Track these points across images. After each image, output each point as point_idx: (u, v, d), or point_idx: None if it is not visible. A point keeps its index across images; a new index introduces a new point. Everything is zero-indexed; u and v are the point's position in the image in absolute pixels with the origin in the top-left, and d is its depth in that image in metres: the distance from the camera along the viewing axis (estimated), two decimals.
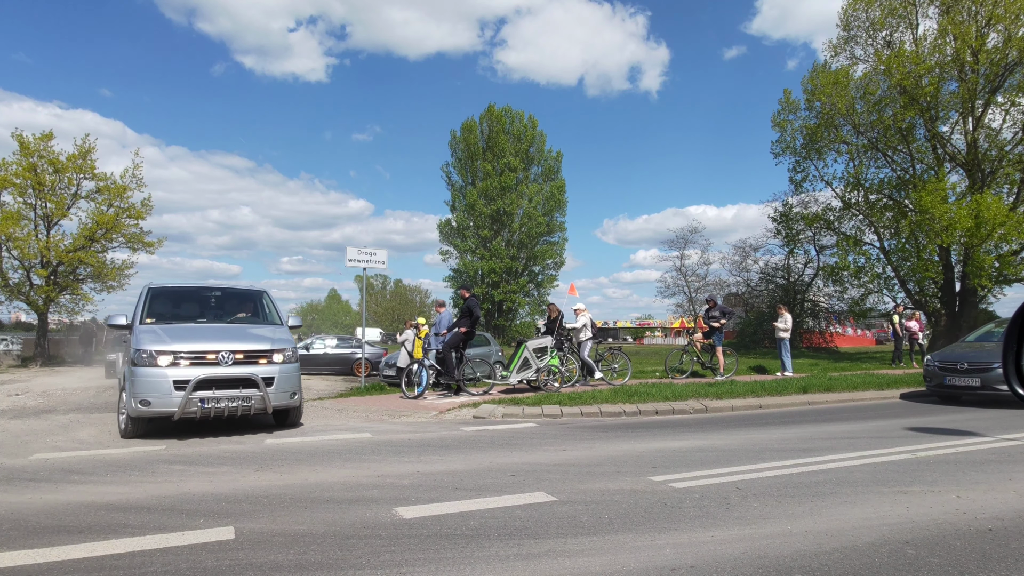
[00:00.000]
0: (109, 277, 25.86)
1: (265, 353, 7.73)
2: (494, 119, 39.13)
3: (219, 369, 7.35)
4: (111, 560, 3.31)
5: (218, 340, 7.65)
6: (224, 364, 7.38)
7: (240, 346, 7.63)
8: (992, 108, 20.74)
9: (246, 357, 7.56)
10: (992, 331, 12.13)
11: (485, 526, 3.87)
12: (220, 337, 7.83)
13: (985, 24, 19.62)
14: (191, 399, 7.14)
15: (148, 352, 7.22)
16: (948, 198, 19.87)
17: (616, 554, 3.35)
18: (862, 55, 23.03)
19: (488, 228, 38.76)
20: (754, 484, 4.90)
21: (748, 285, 31.90)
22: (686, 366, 14.66)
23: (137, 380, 7.12)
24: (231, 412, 7.32)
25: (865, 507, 4.18)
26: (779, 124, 25.04)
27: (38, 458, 6.33)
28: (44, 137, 24.28)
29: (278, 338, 8.14)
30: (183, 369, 7.22)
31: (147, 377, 7.12)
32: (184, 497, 4.66)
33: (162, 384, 7.12)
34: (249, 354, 7.62)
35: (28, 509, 4.37)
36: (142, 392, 7.10)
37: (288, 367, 7.88)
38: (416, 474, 5.41)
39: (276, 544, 3.55)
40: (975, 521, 3.83)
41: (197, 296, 9.34)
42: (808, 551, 3.34)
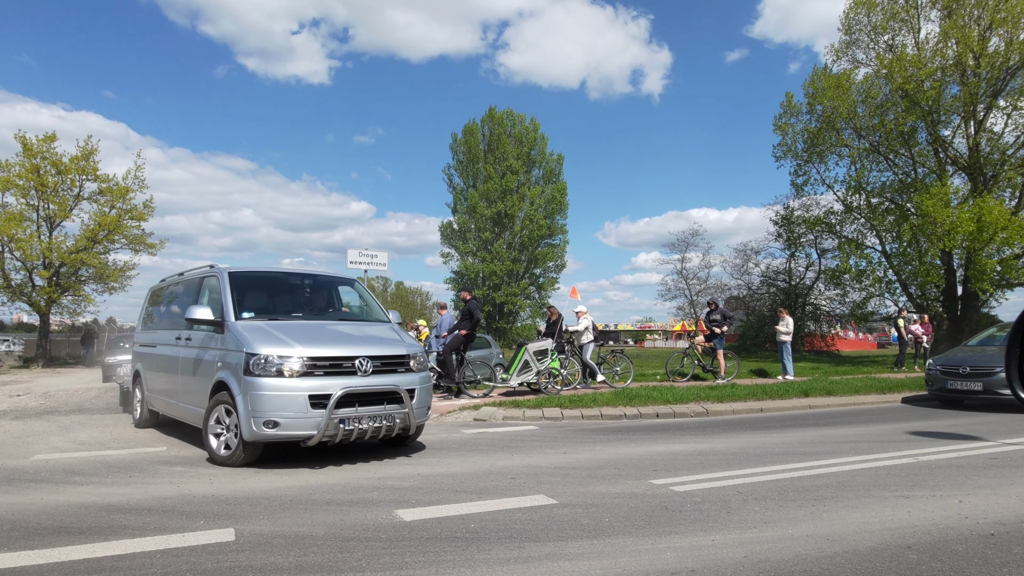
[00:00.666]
0: (111, 278, 25.93)
1: (403, 359, 6.38)
2: (495, 122, 39.19)
3: (360, 380, 5.89)
4: (111, 561, 3.31)
5: (350, 343, 6.28)
6: (362, 373, 5.93)
7: (377, 350, 6.21)
8: (994, 112, 20.74)
9: (384, 364, 6.18)
10: (994, 335, 12.11)
11: (485, 529, 3.86)
12: (350, 339, 6.48)
13: (987, 28, 19.63)
14: (332, 419, 5.63)
15: (269, 357, 5.64)
16: (950, 202, 19.86)
17: (617, 557, 3.34)
18: (864, 59, 23.06)
19: (489, 230, 38.79)
20: (755, 488, 4.89)
21: (749, 288, 31.90)
22: (687, 369, 14.65)
23: (259, 395, 5.54)
24: (373, 434, 5.90)
25: (866, 511, 4.17)
26: (780, 127, 25.06)
27: (39, 459, 6.33)
28: (47, 139, 24.38)
29: (408, 341, 6.85)
30: (319, 380, 5.70)
31: (273, 391, 5.55)
32: (184, 498, 4.66)
33: (295, 400, 5.57)
34: (387, 360, 6.23)
35: (29, 510, 4.37)
36: (268, 410, 5.52)
37: (425, 375, 6.61)
38: (416, 476, 5.41)
39: (276, 546, 3.54)
40: (977, 526, 3.82)
41: (287, 284, 7.70)
42: (809, 555, 3.33)
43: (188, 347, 6.93)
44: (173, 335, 7.46)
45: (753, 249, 31.57)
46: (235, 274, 6.90)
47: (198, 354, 6.68)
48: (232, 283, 6.68)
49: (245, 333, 5.98)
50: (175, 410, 7.30)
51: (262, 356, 5.67)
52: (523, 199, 38.76)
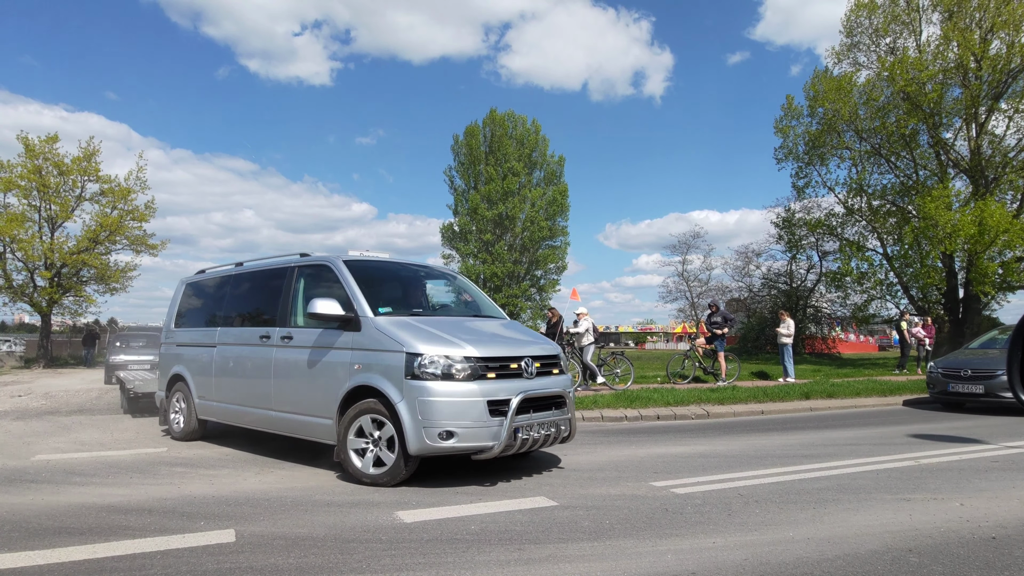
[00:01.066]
0: (112, 279, 25.97)
1: (556, 360, 5.83)
2: (497, 123, 39.21)
3: (530, 383, 5.31)
4: (112, 562, 3.31)
5: (509, 343, 5.64)
6: (528, 375, 5.36)
7: (536, 350, 5.62)
8: (995, 114, 20.74)
9: (543, 366, 5.61)
10: (996, 338, 12.10)
11: (486, 531, 3.86)
12: (505, 338, 5.79)
13: (988, 31, 19.63)
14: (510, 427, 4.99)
15: (436, 359, 4.92)
16: (952, 204, 19.84)
17: (617, 560, 3.34)
18: (865, 61, 23.06)
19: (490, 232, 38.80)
20: (756, 490, 4.89)
21: (750, 290, 31.89)
22: (688, 371, 14.64)
23: (432, 402, 4.80)
24: (543, 443, 5.33)
25: (867, 514, 4.17)
26: (781, 130, 25.05)
27: (40, 459, 6.34)
28: (49, 139, 24.43)
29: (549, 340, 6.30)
30: (492, 384, 5.04)
31: (449, 396, 4.84)
32: (185, 499, 4.66)
33: (474, 407, 4.87)
34: (546, 361, 5.66)
35: (29, 510, 4.37)
36: (444, 419, 4.79)
37: (570, 377, 6.08)
38: (416, 478, 5.40)
39: (276, 547, 3.54)
40: (979, 529, 3.81)
41: (403, 277, 6.78)
42: (810, 558, 3.33)
43: (288, 347, 5.94)
44: (251, 333, 6.50)
45: (754, 251, 31.61)
46: (353, 264, 6.02)
47: (312, 356, 5.69)
48: (356, 273, 5.83)
49: (398, 331, 5.17)
50: (262, 421, 6.24)
51: (428, 357, 4.92)
52: (524, 201, 38.77)
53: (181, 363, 7.60)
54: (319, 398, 5.55)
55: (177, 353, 7.74)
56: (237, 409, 6.64)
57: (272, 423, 6.17)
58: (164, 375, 7.97)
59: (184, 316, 7.98)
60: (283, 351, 6.04)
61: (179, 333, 7.88)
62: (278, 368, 6.06)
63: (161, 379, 8.11)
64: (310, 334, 5.80)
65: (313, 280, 6.19)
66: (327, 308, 5.39)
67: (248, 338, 6.57)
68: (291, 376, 5.92)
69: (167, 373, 7.86)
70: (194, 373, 7.35)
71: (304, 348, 5.82)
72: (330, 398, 5.41)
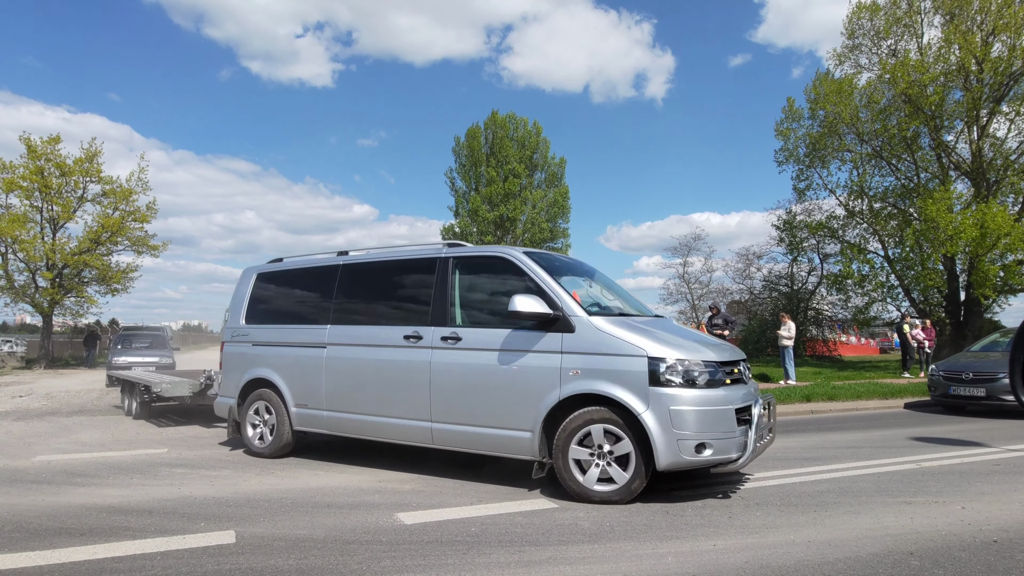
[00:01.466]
0: (114, 280, 26.00)
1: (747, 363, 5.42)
2: (498, 125, 39.24)
3: (750, 387, 5.04)
4: (112, 563, 3.32)
5: (719, 346, 5.20)
6: (746, 380, 5.07)
7: (739, 353, 5.33)
8: (997, 117, 20.73)
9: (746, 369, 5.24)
10: (997, 341, 12.07)
11: (486, 532, 3.86)
12: (709, 341, 5.31)
13: (990, 33, 19.63)
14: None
15: (679, 363, 4.49)
16: (953, 207, 19.83)
17: (618, 562, 3.34)
18: (867, 63, 23.06)
19: (491, 234, 38.78)
20: (757, 493, 4.88)
21: (751, 293, 31.87)
22: None
23: (687, 411, 4.37)
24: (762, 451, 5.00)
25: (869, 517, 4.16)
26: (782, 132, 25.06)
27: (41, 460, 6.34)
28: (51, 141, 24.48)
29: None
30: (730, 390, 4.67)
31: (702, 405, 4.42)
32: (185, 500, 4.66)
33: (724, 416, 4.49)
34: (746, 364, 5.30)
35: (30, 511, 4.37)
36: (699, 430, 4.37)
37: None
38: (417, 480, 5.40)
39: (276, 549, 3.54)
40: (980, 533, 3.81)
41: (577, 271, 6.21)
42: (811, 561, 3.32)
43: (456, 350, 5.26)
44: (389, 333, 5.67)
45: (755, 253, 31.57)
46: (536, 256, 5.44)
47: (501, 359, 5.02)
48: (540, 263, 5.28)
49: (627, 332, 4.68)
50: (411, 434, 5.48)
51: (671, 362, 4.47)
52: (525, 202, 38.79)
53: (265, 366, 6.58)
54: (513, 408, 4.90)
55: (257, 354, 6.71)
56: (365, 420, 5.77)
57: (429, 436, 5.38)
58: (234, 379, 6.87)
59: (262, 311, 6.94)
60: (447, 354, 5.30)
61: (257, 331, 6.81)
62: (440, 374, 5.30)
63: (227, 384, 7.00)
64: (489, 335, 5.13)
65: (477, 274, 5.57)
66: (530, 306, 4.76)
67: (384, 338, 5.71)
68: (463, 383, 5.20)
69: (239, 377, 6.78)
70: (290, 378, 6.34)
71: (481, 351, 5.13)
72: (531, 407, 4.81)
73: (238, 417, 6.77)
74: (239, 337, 7.00)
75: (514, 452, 4.95)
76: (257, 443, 6.54)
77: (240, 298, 7.15)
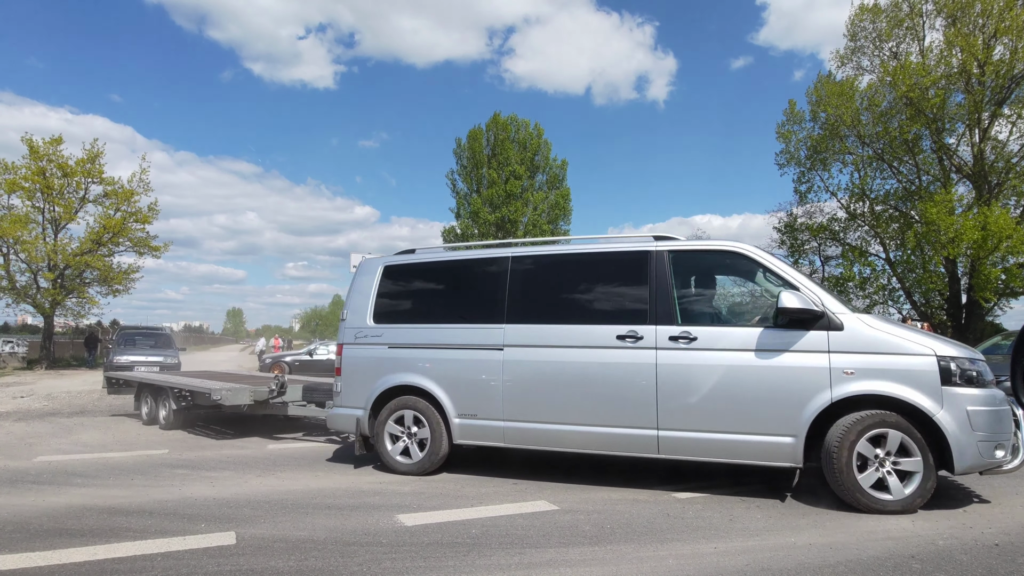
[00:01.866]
0: (115, 281, 26.02)
1: None
2: (500, 127, 39.29)
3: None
4: (112, 564, 3.32)
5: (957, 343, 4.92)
6: None
7: None
8: (999, 120, 20.72)
9: None
10: (999, 343, 12.04)
11: (487, 534, 3.86)
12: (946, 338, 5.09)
13: (991, 36, 19.64)
14: None
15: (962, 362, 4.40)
16: (954, 210, 19.82)
17: (618, 564, 3.33)
18: (868, 66, 23.07)
19: (492, 235, 38.80)
20: (757, 496, 4.87)
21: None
22: None
23: (985, 412, 4.27)
24: None
25: (870, 520, 4.15)
26: (783, 135, 25.08)
27: (41, 460, 6.35)
28: (53, 141, 24.52)
29: None
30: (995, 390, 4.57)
31: (992, 406, 4.34)
32: (186, 501, 4.67)
33: (1007, 416, 4.43)
34: None
35: (31, 511, 4.38)
36: (997, 430, 4.30)
37: None
38: (417, 481, 5.40)
39: (277, 550, 3.54)
40: (982, 536, 3.80)
41: None
42: (812, 564, 3.31)
43: (690, 350, 4.88)
44: (595, 332, 5.19)
45: None
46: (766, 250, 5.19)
47: (757, 359, 4.71)
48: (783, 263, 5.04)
49: (898, 329, 4.59)
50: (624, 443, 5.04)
51: (959, 361, 4.37)
52: (526, 204, 38.81)
53: (412, 371, 5.81)
54: (771, 411, 4.61)
55: (397, 358, 5.91)
56: (562, 430, 5.23)
57: (654, 445, 4.96)
58: (363, 387, 5.98)
59: (399, 309, 6.19)
60: (678, 355, 4.91)
61: (395, 331, 6.02)
62: (670, 376, 4.91)
63: (351, 393, 6.05)
64: (732, 334, 4.83)
65: (701, 268, 5.36)
66: (798, 303, 4.53)
67: (589, 339, 5.22)
68: (702, 386, 4.84)
69: (371, 385, 5.93)
70: (451, 384, 5.65)
71: (723, 351, 4.81)
72: (793, 411, 4.54)
73: (367, 430, 5.88)
74: (367, 339, 6.10)
75: (770, 459, 4.62)
76: (400, 459, 5.75)
77: (363, 294, 6.27)
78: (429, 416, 5.65)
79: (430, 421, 5.63)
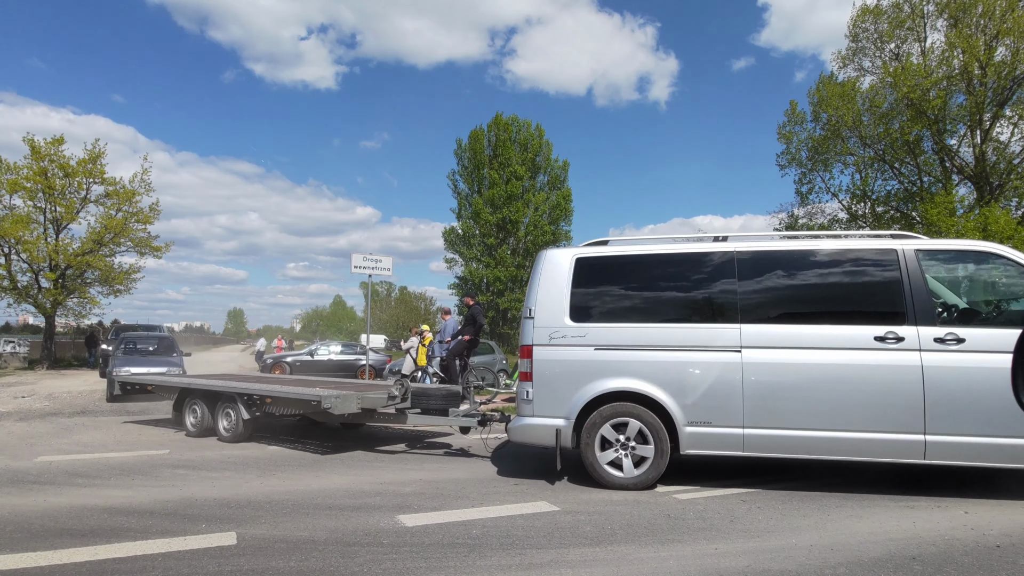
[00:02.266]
0: (116, 281, 26.02)
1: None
2: (501, 128, 39.30)
3: None
4: (113, 564, 3.32)
5: None
6: None
7: None
8: (1000, 121, 20.71)
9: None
10: None
11: (487, 535, 3.85)
12: None
13: (993, 37, 19.63)
14: None
15: None
16: (956, 211, 19.81)
17: (619, 565, 3.33)
18: (870, 67, 23.07)
19: (494, 236, 38.82)
20: (758, 497, 4.87)
21: None
22: None
23: None
24: None
25: (871, 521, 4.15)
26: (785, 136, 25.10)
27: (42, 460, 6.35)
28: (55, 142, 24.54)
29: None
30: None
31: None
32: (187, 502, 4.67)
33: None
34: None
35: (31, 511, 4.38)
36: None
37: None
38: (418, 482, 5.40)
39: (278, 550, 3.54)
40: (983, 537, 3.79)
41: None
42: (813, 565, 3.31)
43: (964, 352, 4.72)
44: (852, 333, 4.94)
45: None
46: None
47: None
48: None
49: None
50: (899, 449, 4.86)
51: None
52: (528, 205, 38.82)
53: (629, 375, 5.35)
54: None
55: (608, 361, 5.43)
56: (814, 437, 5.00)
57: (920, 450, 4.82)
58: (565, 394, 5.46)
59: (604, 307, 5.72)
60: (947, 357, 4.74)
61: (601, 331, 5.52)
62: (940, 379, 4.73)
63: (549, 400, 5.50)
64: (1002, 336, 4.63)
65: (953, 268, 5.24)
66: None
67: (843, 340, 4.98)
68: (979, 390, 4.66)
69: (576, 391, 5.42)
70: (678, 389, 5.23)
71: (998, 353, 4.56)
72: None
73: (570, 442, 5.38)
74: (565, 339, 5.57)
75: None
76: (612, 472, 5.26)
77: (554, 289, 5.69)
78: (652, 424, 5.20)
79: (654, 430, 5.18)
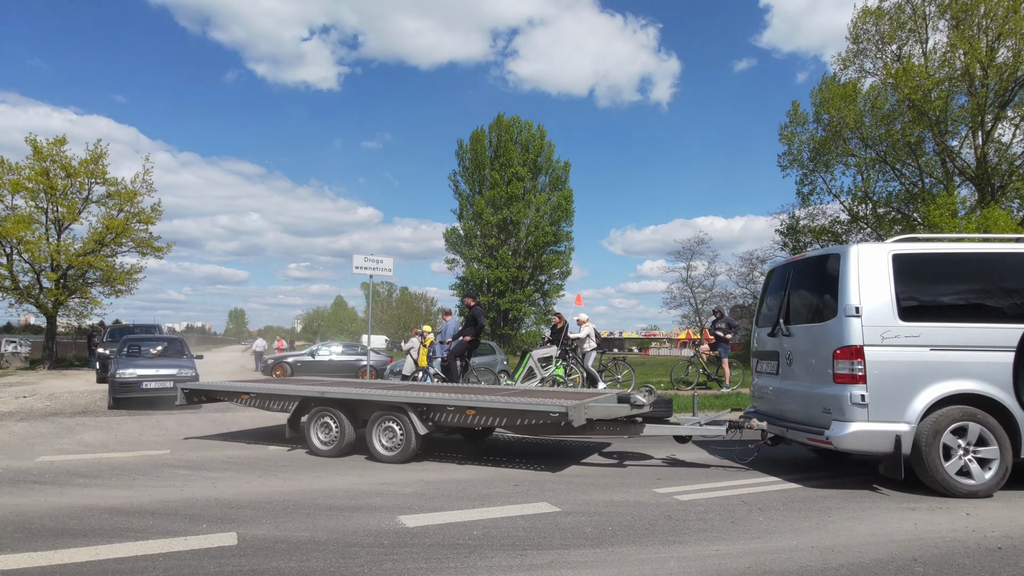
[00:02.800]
0: (118, 281, 26.04)
1: None
2: (503, 129, 39.32)
3: None
4: (114, 564, 3.32)
5: None
6: None
7: None
8: (1002, 123, 20.70)
9: None
10: None
11: (488, 536, 3.85)
12: None
13: (995, 39, 19.61)
14: None
15: None
16: (957, 212, 19.79)
17: (620, 567, 3.33)
18: (871, 68, 23.06)
19: (495, 237, 38.83)
20: (759, 498, 4.86)
21: (755, 297, 31.83)
22: (692, 377, 14.58)
23: None
24: None
25: (872, 523, 4.14)
26: (786, 137, 25.08)
27: (43, 460, 6.36)
28: (57, 142, 24.57)
29: None
30: None
31: None
32: (188, 502, 4.67)
33: None
34: None
35: (32, 511, 4.38)
36: None
37: None
38: (419, 482, 5.40)
39: (278, 550, 3.54)
40: (985, 539, 3.78)
41: None
42: (814, 567, 3.30)
43: None
44: None
45: (759, 258, 31.60)
46: None
47: None
48: None
49: None
50: None
51: None
52: (529, 206, 38.82)
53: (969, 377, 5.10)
54: None
55: (944, 361, 5.17)
56: None
57: None
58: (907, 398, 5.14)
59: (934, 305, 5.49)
60: None
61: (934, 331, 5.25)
62: None
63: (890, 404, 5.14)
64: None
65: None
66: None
67: None
68: None
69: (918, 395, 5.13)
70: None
71: None
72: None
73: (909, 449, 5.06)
74: (898, 339, 5.30)
75: None
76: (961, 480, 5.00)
77: (876, 286, 5.41)
78: (995, 429, 5.02)
79: (999, 435, 5.01)
